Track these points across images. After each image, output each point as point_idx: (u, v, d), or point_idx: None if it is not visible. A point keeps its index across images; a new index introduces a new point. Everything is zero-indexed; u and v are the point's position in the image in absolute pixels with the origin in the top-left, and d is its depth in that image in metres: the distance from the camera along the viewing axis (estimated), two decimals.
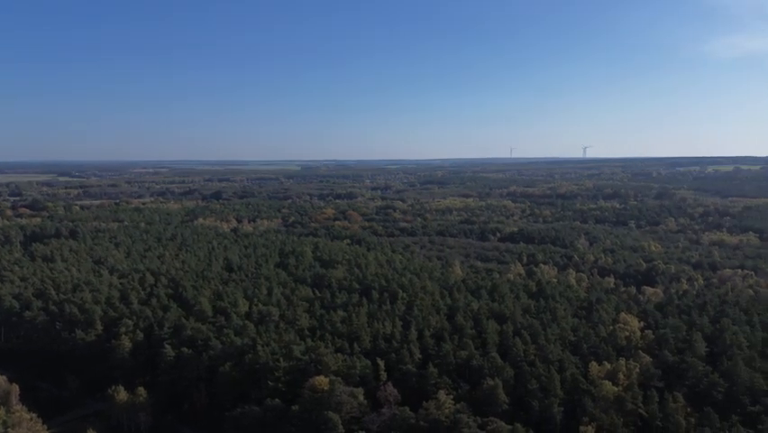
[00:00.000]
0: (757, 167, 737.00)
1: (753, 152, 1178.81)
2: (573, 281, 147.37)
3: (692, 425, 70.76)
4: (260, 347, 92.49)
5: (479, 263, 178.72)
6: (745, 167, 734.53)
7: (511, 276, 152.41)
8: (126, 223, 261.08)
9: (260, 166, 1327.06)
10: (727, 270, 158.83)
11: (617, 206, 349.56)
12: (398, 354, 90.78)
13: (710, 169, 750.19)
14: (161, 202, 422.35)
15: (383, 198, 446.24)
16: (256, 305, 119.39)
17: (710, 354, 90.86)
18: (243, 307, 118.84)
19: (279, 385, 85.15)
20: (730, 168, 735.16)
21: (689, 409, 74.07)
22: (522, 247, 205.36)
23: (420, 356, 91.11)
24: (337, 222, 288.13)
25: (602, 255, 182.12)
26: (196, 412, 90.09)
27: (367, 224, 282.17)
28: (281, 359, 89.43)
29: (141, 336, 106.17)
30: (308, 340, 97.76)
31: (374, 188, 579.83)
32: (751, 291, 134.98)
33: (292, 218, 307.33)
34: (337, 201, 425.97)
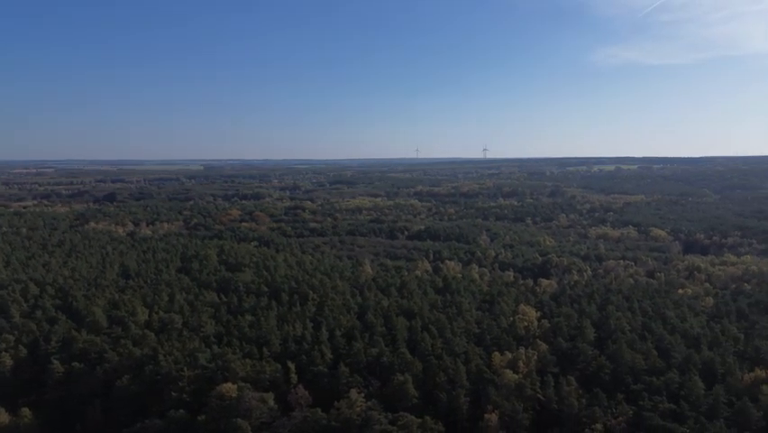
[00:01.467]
0: (635, 166, 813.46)
1: (631, 152, 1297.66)
2: (476, 276, 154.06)
3: (583, 405, 76.60)
4: (161, 357, 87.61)
5: (388, 262, 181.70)
6: (625, 166, 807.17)
7: (419, 273, 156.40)
8: (5, 229, 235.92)
9: (159, 166, 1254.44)
10: (611, 261, 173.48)
11: (515, 203, 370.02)
12: (309, 356, 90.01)
13: (596, 168, 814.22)
14: (46, 205, 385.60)
15: (292, 199, 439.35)
16: (156, 313, 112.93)
17: (598, 338, 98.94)
18: (143, 315, 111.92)
19: (184, 395, 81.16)
20: (612, 167, 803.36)
21: (580, 391, 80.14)
22: (429, 245, 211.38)
23: (331, 356, 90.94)
24: (244, 223, 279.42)
25: (502, 251, 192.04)
26: (90, 431, 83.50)
27: (275, 225, 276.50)
28: (185, 368, 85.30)
29: (24, 351, 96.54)
30: (214, 347, 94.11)
31: (282, 189, 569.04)
32: (631, 280, 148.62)
33: (195, 220, 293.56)
34: (243, 202, 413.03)
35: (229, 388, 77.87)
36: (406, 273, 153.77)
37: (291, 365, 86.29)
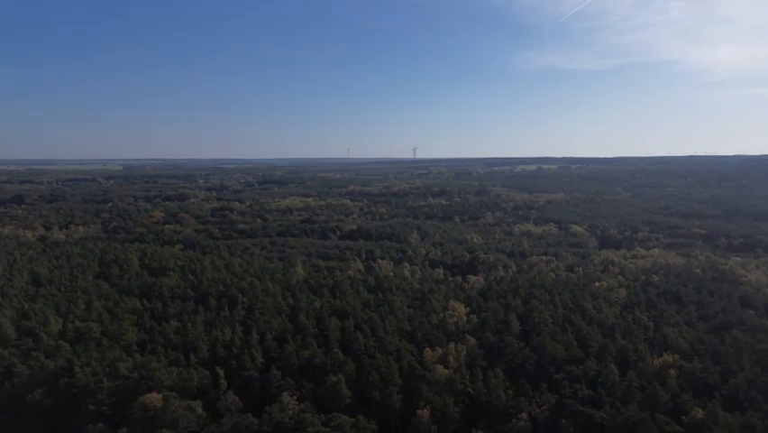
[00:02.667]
0: (555, 166, 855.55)
1: (552, 153, 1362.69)
2: (408, 274, 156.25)
3: (510, 396, 79.74)
4: (78, 369, 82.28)
5: (320, 262, 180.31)
6: (546, 166, 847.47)
7: (351, 273, 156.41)
8: None
9: (73, 165, 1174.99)
10: (534, 257, 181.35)
11: (444, 202, 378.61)
12: (239, 361, 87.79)
13: (519, 168, 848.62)
14: None
15: (219, 199, 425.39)
16: (72, 322, 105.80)
17: (523, 331, 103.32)
18: (56, 325, 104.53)
19: (103, 408, 76.57)
20: (534, 167, 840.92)
21: (507, 383, 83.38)
22: (361, 244, 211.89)
23: (262, 360, 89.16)
24: (167, 226, 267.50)
25: (432, 248, 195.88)
26: None
27: (201, 226, 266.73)
28: (105, 379, 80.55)
29: None
30: (137, 355, 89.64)
31: (208, 189, 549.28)
32: (553, 274, 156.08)
33: (114, 223, 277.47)
34: (167, 203, 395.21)
35: (153, 398, 74.48)
36: (339, 273, 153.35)
37: (220, 371, 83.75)
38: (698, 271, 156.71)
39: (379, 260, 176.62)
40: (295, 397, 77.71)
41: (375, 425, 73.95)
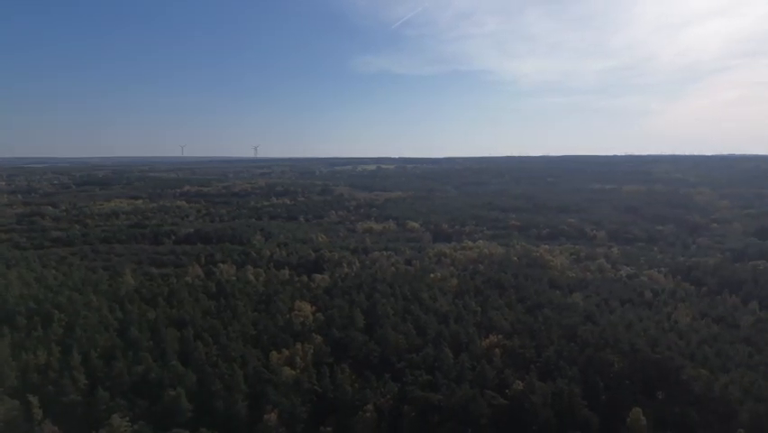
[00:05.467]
0: (393, 166, 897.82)
1: (390, 153, 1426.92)
2: (252, 277, 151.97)
3: (356, 390, 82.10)
4: None
5: (153, 270, 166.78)
6: (384, 166, 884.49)
7: (189, 279, 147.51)
8: None
9: None
10: (376, 252, 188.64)
11: (288, 202, 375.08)
12: (58, 385, 77.69)
13: (360, 168, 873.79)
14: None
15: (27, 204, 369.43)
16: None
17: (367, 325, 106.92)
18: None
19: None
20: (374, 167, 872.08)
21: (353, 377, 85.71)
22: (200, 248, 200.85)
23: (87, 382, 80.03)
24: None
25: (277, 249, 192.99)
26: None
27: (5, 235, 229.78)
28: None
29: None
30: None
31: (12, 192, 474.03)
32: (393, 268, 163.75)
33: None
34: None
35: None
36: (175, 281, 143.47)
37: (33, 399, 73.25)
38: (515, 258, 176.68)
39: (221, 264, 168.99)
40: (127, 418, 71.12)
41: None
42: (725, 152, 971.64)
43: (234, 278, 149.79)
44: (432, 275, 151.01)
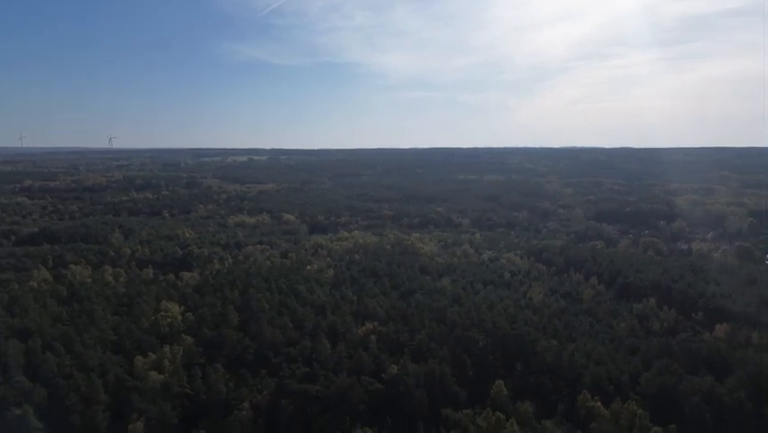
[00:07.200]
0: (265, 157, 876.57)
1: (262, 144, 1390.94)
2: (111, 278, 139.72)
3: (231, 389, 79.49)
4: None
5: None
6: (256, 157, 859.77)
7: (35, 284, 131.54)
8: None
9: None
10: (250, 246, 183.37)
11: (150, 196, 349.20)
12: None
13: (230, 159, 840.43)
14: None
15: None
16: None
17: (242, 322, 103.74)
18: None
19: None
20: (245, 158, 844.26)
21: (228, 376, 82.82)
22: (47, 249, 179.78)
23: None
24: None
25: (139, 247, 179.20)
26: None
27: None
28: None
29: None
30: None
31: None
32: (269, 262, 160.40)
33: None
34: None
35: None
36: (17, 286, 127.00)
37: None
38: (388, 247, 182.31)
39: (72, 265, 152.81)
40: None
41: None
42: (569, 145, 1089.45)
43: (90, 280, 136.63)
44: (308, 267, 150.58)
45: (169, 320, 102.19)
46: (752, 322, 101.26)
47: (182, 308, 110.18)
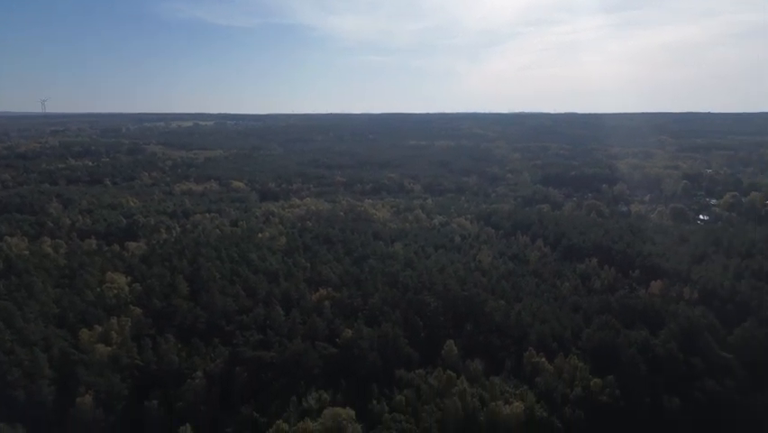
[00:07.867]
0: (212, 123, 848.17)
1: (208, 109, 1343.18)
2: (50, 250, 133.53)
3: (183, 358, 78.74)
4: None
5: None
6: (202, 123, 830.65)
7: None
8: None
9: None
10: (198, 215, 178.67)
11: (90, 164, 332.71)
12: None
13: (174, 124, 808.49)
14: None
15: None
16: None
17: (192, 291, 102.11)
18: None
19: None
20: (191, 123, 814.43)
21: (180, 346, 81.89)
22: None
23: None
24: None
25: (80, 217, 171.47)
26: None
27: None
28: None
29: None
30: None
31: None
32: (218, 231, 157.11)
33: None
34: None
35: None
36: None
37: None
38: (341, 214, 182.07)
39: (8, 237, 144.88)
40: None
41: (21, 429, 62.85)
42: (516, 110, 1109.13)
43: (27, 252, 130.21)
44: (260, 235, 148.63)
45: (115, 292, 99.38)
46: (684, 278, 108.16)
47: (129, 278, 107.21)
